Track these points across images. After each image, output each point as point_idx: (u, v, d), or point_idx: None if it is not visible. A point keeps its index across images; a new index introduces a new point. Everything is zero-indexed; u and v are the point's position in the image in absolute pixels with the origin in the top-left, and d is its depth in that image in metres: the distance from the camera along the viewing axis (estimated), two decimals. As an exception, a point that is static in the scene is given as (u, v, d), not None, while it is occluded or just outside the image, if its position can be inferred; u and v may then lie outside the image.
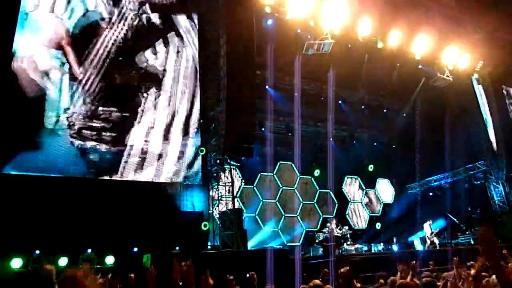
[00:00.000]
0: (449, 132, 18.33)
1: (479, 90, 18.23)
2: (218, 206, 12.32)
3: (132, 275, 6.10)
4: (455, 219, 16.59)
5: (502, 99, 18.32)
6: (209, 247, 11.68)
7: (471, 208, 17.24)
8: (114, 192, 10.42)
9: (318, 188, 18.91)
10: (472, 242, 14.95)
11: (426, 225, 15.70)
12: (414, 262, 5.49)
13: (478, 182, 17.94)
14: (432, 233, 15.32)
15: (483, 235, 2.40)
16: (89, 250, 9.30)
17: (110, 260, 9.25)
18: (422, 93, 18.86)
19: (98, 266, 8.98)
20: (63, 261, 8.77)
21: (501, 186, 17.14)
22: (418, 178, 20.29)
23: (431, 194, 19.87)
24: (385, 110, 20.54)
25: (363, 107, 19.84)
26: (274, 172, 17.94)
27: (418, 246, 16.09)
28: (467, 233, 15.84)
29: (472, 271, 4.59)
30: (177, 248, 10.47)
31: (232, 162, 12.43)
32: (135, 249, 10.02)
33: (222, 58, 11.87)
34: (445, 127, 18.15)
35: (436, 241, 15.09)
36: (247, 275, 5.89)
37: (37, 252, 8.89)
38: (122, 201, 10.33)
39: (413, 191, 20.67)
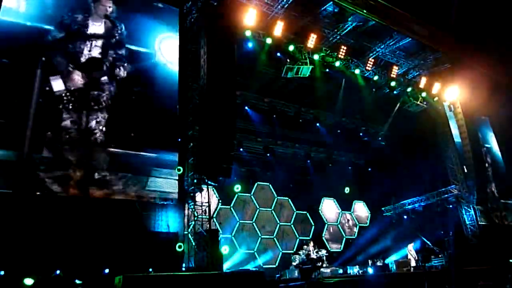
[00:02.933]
0: (423, 156, 18.86)
1: (450, 116, 18.89)
2: (194, 226, 12.12)
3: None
4: (428, 242, 16.84)
5: (472, 125, 19.01)
6: (183, 269, 11.41)
7: (444, 232, 17.55)
8: (85, 210, 10.08)
9: (295, 210, 18.92)
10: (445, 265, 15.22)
11: (410, 247, 15.95)
12: None
13: (451, 206, 18.35)
14: (415, 255, 15.59)
15: None
16: (58, 271, 8.92)
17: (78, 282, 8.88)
18: (397, 117, 19.41)
19: (66, 288, 8.61)
20: (29, 282, 8.35)
21: (472, 210, 17.59)
22: (393, 201, 20.65)
23: (405, 217, 20.16)
24: (361, 134, 20.97)
25: (338, 131, 20.21)
26: (252, 193, 17.88)
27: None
28: (439, 256, 16.07)
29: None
30: (150, 269, 10.17)
31: (209, 182, 12.32)
32: (107, 270, 9.68)
33: (202, 78, 11.92)
34: (419, 151, 18.69)
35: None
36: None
37: (2, 273, 8.45)
38: (93, 219, 10.00)
39: (388, 214, 20.94)
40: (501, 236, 16.91)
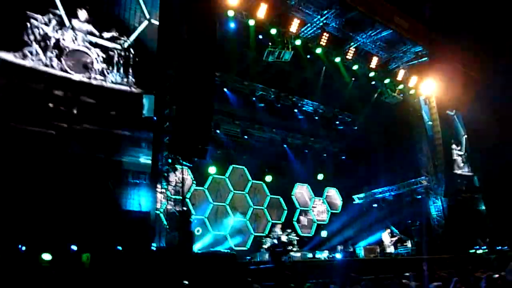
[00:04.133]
0: (396, 147, 19.31)
1: (425, 110, 19.31)
2: (166, 206, 12.02)
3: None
4: (396, 231, 17.36)
5: (446, 120, 19.51)
6: (153, 248, 11.34)
7: (412, 221, 18.15)
8: (54, 185, 9.79)
9: (269, 194, 19.06)
10: (411, 252, 15.81)
11: (385, 234, 16.34)
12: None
13: (420, 197, 18.95)
14: (391, 241, 16.01)
15: None
16: (23, 248, 8.68)
17: (46, 257, 8.67)
18: (374, 108, 19.69)
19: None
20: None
21: (439, 202, 18.22)
22: (365, 189, 21.13)
23: (376, 205, 20.69)
24: (337, 122, 21.17)
25: (316, 118, 20.35)
26: (227, 175, 17.87)
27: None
28: (404, 244, 16.63)
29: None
30: (120, 247, 10.05)
31: (184, 163, 12.20)
32: (74, 248, 9.49)
33: (182, 56, 11.65)
34: (393, 142, 19.11)
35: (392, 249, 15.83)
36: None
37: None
38: (62, 195, 9.74)
39: (359, 202, 21.42)
40: (465, 228, 17.62)
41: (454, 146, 20.00)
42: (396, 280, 7.28)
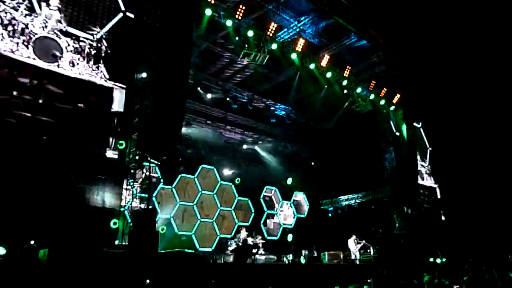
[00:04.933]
0: (364, 155, 19.74)
1: (393, 120, 19.86)
2: (131, 204, 11.73)
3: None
4: (360, 238, 17.70)
5: (413, 131, 20.15)
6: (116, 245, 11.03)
7: (375, 229, 18.56)
8: (11, 176, 9.34)
9: (237, 196, 18.99)
10: (373, 259, 16.17)
11: (351, 241, 16.57)
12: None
13: (384, 205, 19.42)
14: (356, 248, 16.25)
15: None
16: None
17: (1, 251, 8.25)
18: (345, 115, 20.06)
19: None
20: None
21: (402, 211, 18.72)
22: (331, 195, 21.49)
23: (340, 212, 21.08)
24: (308, 128, 21.43)
25: (288, 122, 20.53)
26: (196, 175, 17.68)
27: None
28: (367, 251, 16.98)
29: None
30: (81, 244, 9.69)
31: (152, 160, 11.95)
32: (32, 242, 9.09)
33: (155, 52, 11.45)
34: (361, 150, 19.51)
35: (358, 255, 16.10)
36: None
37: None
38: (21, 188, 9.32)
39: (325, 207, 21.74)
40: (426, 237, 18.21)
41: (419, 157, 20.68)
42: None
